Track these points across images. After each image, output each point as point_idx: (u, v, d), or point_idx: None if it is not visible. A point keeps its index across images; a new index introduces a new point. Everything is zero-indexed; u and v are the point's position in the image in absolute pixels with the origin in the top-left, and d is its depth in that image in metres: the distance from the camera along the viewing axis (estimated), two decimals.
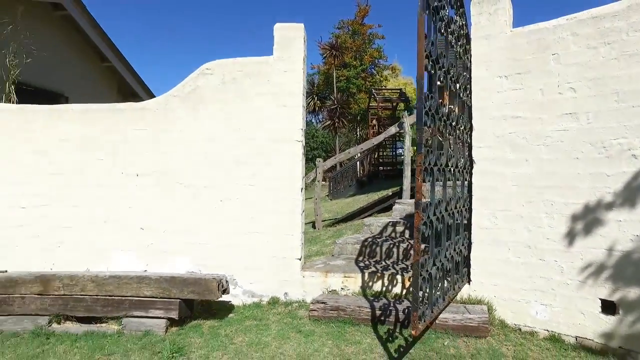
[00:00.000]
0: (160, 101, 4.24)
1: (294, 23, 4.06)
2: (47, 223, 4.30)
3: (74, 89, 7.46)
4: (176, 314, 3.40)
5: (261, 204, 4.05)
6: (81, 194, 4.28)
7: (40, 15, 6.62)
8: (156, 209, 4.16)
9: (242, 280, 4.06)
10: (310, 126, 38.21)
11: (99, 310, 3.50)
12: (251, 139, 4.08)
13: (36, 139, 4.36)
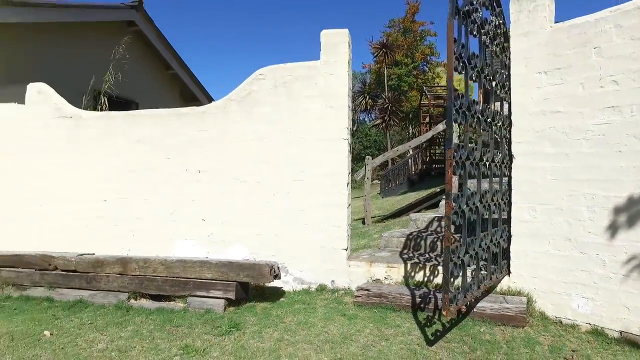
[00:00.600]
0: (219, 105, 4.70)
1: (339, 29, 4.35)
2: (123, 214, 4.91)
3: (143, 95, 8.23)
4: (233, 295, 3.81)
5: (310, 198, 4.38)
6: (151, 189, 4.85)
7: (118, 32, 7.41)
8: (215, 203, 4.62)
9: (292, 268, 4.42)
10: (363, 125, 38.30)
11: (168, 289, 4.00)
12: (300, 138, 4.42)
13: (116, 141, 4.99)
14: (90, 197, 5.01)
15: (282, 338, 3.20)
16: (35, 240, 5.08)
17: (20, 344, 3.18)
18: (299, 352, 2.97)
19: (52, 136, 5.22)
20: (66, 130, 5.19)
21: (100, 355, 2.96)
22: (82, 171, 5.08)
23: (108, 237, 4.91)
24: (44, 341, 3.23)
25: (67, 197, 5.11)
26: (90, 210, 4.99)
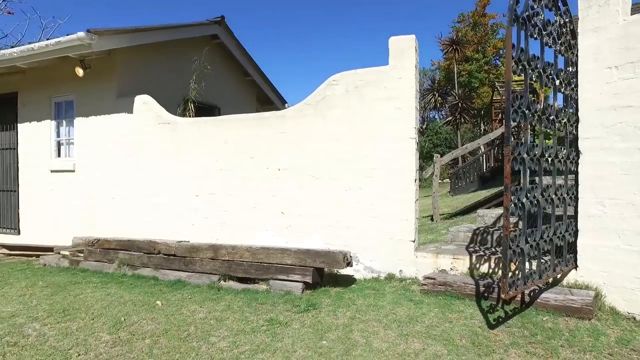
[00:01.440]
0: (296, 109, 5.21)
1: (406, 35, 4.64)
2: (213, 208, 5.60)
3: (224, 101, 9.03)
4: (310, 279, 4.27)
5: (380, 193, 4.72)
6: (236, 185, 5.47)
7: (203, 46, 8.25)
8: (293, 197, 5.12)
9: (363, 257, 4.79)
10: (433, 123, 37.58)
11: (253, 272, 4.56)
12: (371, 137, 4.77)
13: (206, 143, 5.69)
14: (185, 192, 5.78)
15: (354, 316, 3.59)
16: (142, 228, 5.97)
17: (142, 309, 3.89)
18: (369, 327, 3.34)
19: (154, 140, 6.07)
20: (165, 134, 6.01)
21: (202, 322, 3.55)
22: (178, 170, 5.87)
23: (200, 227, 5.63)
24: (157, 308, 3.91)
25: (166, 192, 5.93)
26: (185, 204, 5.76)
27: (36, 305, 4.09)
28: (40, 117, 7.33)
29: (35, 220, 7.42)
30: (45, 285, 4.82)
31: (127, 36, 6.21)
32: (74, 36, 5.58)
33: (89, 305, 4.03)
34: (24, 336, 3.30)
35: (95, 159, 6.66)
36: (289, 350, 2.97)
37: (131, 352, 3.00)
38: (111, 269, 5.41)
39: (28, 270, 5.70)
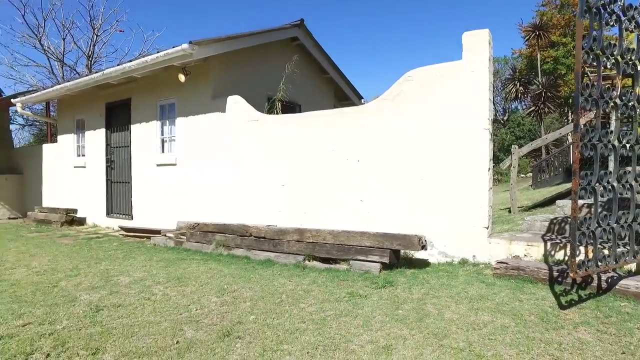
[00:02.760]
0: (373, 104, 5.59)
1: (479, 30, 4.81)
2: (297, 196, 6.17)
3: (304, 98, 9.63)
4: (387, 260, 4.64)
5: (454, 181, 4.95)
6: (319, 175, 5.99)
7: (284, 48, 8.91)
8: (371, 186, 5.52)
9: (437, 243, 5.06)
10: (515, 114, 35.67)
11: (335, 253, 5.04)
12: (445, 129, 5.02)
13: (291, 137, 6.28)
14: (273, 182, 6.42)
15: (427, 293, 3.92)
16: (234, 214, 6.73)
17: (239, 280, 4.54)
18: (441, 302, 3.65)
19: (244, 135, 6.80)
20: (254, 130, 6.70)
21: (291, 292, 4.09)
22: (266, 162, 6.53)
23: (286, 213, 6.24)
24: (252, 280, 4.54)
25: (255, 182, 6.63)
26: (273, 192, 6.41)
27: (156, 273, 4.92)
28: (148, 119, 8.45)
29: (144, 207, 8.59)
30: (159, 260, 5.70)
31: (220, 44, 7.00)
32: (178, 48, 6.44)
33: (196, 276, 4.77)
34: (153, 294, 4.08)
35: (193, 154, 7.58)
36: (369, 316, 3.38)
37: (236, 310, 3.61)
38: (209, 249, 6.20)
39: (143, 248, 6.71)
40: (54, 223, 9.90)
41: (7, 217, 12.28)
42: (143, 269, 5.19)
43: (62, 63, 20.82)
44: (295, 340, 2.96)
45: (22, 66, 20.67)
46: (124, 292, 4.20)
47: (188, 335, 3.07)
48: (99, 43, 21.37)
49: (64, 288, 4.38)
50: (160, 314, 3.52)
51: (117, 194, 9.41)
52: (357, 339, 2.95)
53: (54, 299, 4.01)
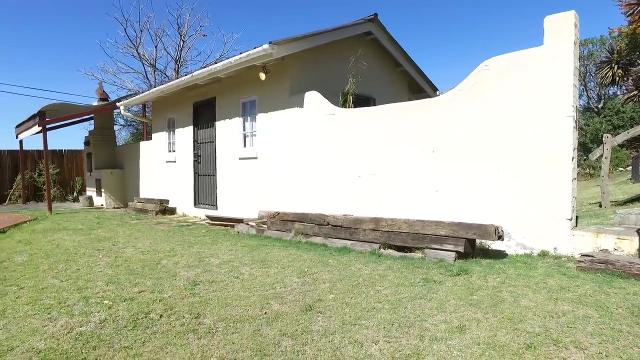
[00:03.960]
0: (449, 95, 5.58)
1: (563, 13, 4.61)
2: (373, 187, 6.35)
3: (378, 92, 9.73)
4: (462, 249, 4.66)
5: (534, 171, 4.82)
6: (393, 167, 6.11)
7: (358, 42, 9.08)
8: (447, 176, 5.53)
9: (515, 234, 4.96)
10: (613, 100, 32.53)
11: (409, 242, 5.15)
12: (524, 118, 4.89)
13: (365, 130, 6.45)
14: (348, 173, 6.65)
15: (503, 281, 3.91)
16: (311, 204, 7.07)
17: (318, 265, 4.84)
18: (518, 290, 3.63)
19: (321, 128, 7.10)
20: (330, 123, 6.97)
21: (368, 276, 4.29)
22: (342, 154, 6.78)
23: (361, 203, 6.44)
24: (330, 265, 4.81)
25: (331, 173, 6.90)
26: (349, 183, 6.64)
27: (242, 257, 5.38)
28: (231, 116, 9.09)
29: (227, 197, 9.27)
30: (243, 245, 6.20)
31: (297, 43, 7.35)
32: (259, 48, 6.89)
33: (278, 260, 5.14)
34: (241, 273, 4.51)
35: (272, 147, 8.05)
36: (443, 300, 3.48)
37: (316, 290, 3.89)
38: (289, 237, 6.59)
39: (228, 235, 7.30)
40: (149, 212, 11.02)
41: (112, 207, 13.84)
42: (230, 252, 5.69)
43: (154, 68, 22.80)
44: (372, 317, 3.16)
45: (122, 73, 22.95)
46: (216, 270, 4.68)
47: (274, 308, 3.40)
48: (184, 48, 23.07)
49: (165, 265, 4.98)
50: (249, 290, 3.91)
51: (204, 186, 10.24)
52: (431, 319, 3.08)
53: (159, 273, 4.59)
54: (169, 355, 2.60)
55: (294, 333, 2.90)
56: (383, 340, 2.75)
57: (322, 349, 2.64)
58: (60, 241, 6.91)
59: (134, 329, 3.01)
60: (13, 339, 2.89)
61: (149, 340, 2.82)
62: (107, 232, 7.93)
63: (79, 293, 3.92)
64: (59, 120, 13.24)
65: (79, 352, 2.66)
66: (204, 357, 2.56)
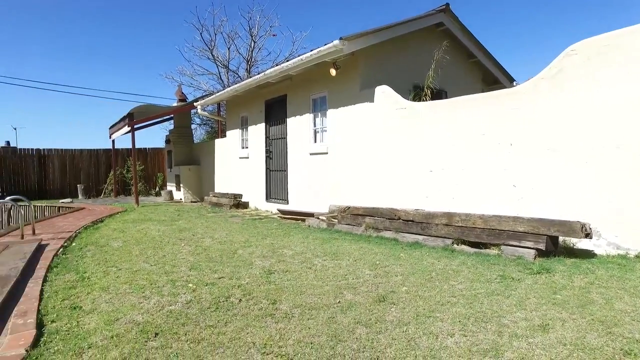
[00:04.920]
0: (529, 84, 5.28)
1: None
2: (445, 181, 6.18)
3: (449, 84, 9.44)
4: (543, 246, 4.40)
5: (630, 165, 4.42)
6: (468, 160, 5.90)
7: (429, 34, 8.87)
8: (526, 170, 5.25)
9: (606, 232, 4.59)
10: None
11: (485, 238, 4.96)
12: (617, 105, 4.50)
13: (438, 123, 6.30)
14: (420, 167, 6.54)
15: (592, 282, 3.63)
16: (381, 198, 7.04)
17: (389, 258, 4.82)
18: (610, 292, 3.36)
19: (392, 123, 7.04)
20: (401, 117, 6.89)
21: (441, 271, 4.20)
22: (413, 148, 6.68)
23: (433, 198, 6.31)
24: (402, 259, 4.77)
25: (402, 167, 6.83)
26: (420, 178, 6.53)
27: (313, 249, 5.51)
28: (302, 112, 9.30)
29: (298, 192, 9.51)
30: (314, 238, 6.33)
31: (367, 37, 7.34)
32: (330, 45, 6.98)
33: (349, 253, 5.20)
34: (313, 264, 4.63)
35: (342, 142, 8.12)
36: (522, 297, 3.32)
37: (388, 282, 3.89)
38: (359, 231, 6.62)
39: (299, 229, 7.49)
40: (224, 206, 11.61)
41: (190, 201, 14.77)
42: (302, 244, 5.85)
43: (227, 69, 23.91)
44: (447, 310, 3.10)
45: (198, 75, 24.42)
46: (289, 261, 4.84)
47: (347, 298, 3.46)
48: (255, 48, 23.93)
49: (241, 255, 5.24)
50: (322, 280, 4.00)
51: (275, 181, 10.58)
52: (509, 316, 2.96)
53: (236, 262, 4.84)
54: (250, 335, 2.75)
55: (367, 322, 2.93)
56: (459, 333, 2.70)
57: (397, 338, 2.65)
58: (147, 230, 7.52)
59: (216, 311, 3.22)
60: (117, 312, 3.23)
61: (231, 321, 3.01)
62: (187, 223, 8.48)
63: (166, 276, 4.26)
64: (144, 120, 14.36)
65: (171, 327, 2.90)
66: (282, 339, 2.68)
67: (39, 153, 17.34)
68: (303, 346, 2.57)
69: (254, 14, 25.67)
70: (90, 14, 42.98)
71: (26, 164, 17.04)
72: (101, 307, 3.39)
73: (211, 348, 2.57)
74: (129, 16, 42.76)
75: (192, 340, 2.69)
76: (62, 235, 6.93)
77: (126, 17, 42.67)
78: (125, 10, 41.99)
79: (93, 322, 3.05)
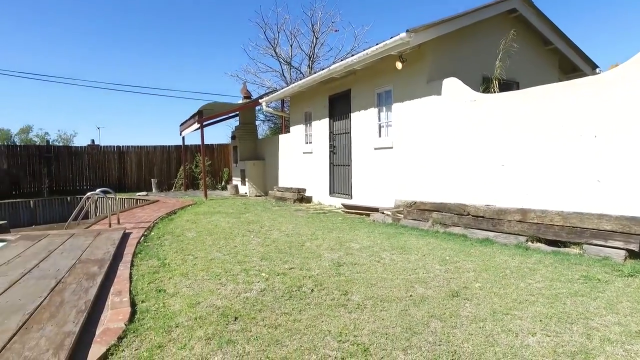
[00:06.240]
0: (615, 72, 4.87)
1: None
2: (518, 176, 5.89)
3: (522, 74, 8.93)
4: (636, 247, 4.06)
5: None
6: (544, 154, 5.57)
7: (499, 23, 8.45)
8: (612, 164, 4.85)
9: None
10: None
11: (564, 236, 4.67)
12: None
13: (511, 116, 6.00)
14: (490, 162, 6.28)
15: None
16: (449, 193, 6.86)
17: (459, 254, 4.70)
18: None
19: (461, 116, 6.82)
20: (471, 110, 6.65)
21: (516, 268, 4.02)
22: (483, 142, 6.42)
23: (504, 193, 6.03)
24: (472, 255, 4.63)
25: (472, 162, 6.59)
26: (491, 172, 6.26)
27: (380, 243, 5.50)
28: (366, 106, 9.27)
29: (362, 187, 9.50)
30: (380, 233, 6.31)
31: (435, 29, 7.14)
32: (397, 37, 6.88)
33: (417, 248, 5.12)
34: (381, 258, 4.63)
35: (408, 137, 7.99)
36: (612, 301, 3.10)
37: (460, 277, 3.80)
38: (425, 227, 6.51)
39: (364, 223, 7.49)
40: (288, 200, 11.87)
41: (254, 195, 15.27)
42: (368, 238, 5.85)
43: (290, 66, 24.35)
44: (525, 309, 2.98)
45: (262, 72, 25.07)
46: (357, 254, 4.87)
47: (419, 292, 3.43)
48: (317, 44, 24.13)
49: (309, 247, 5.35)
50: (392, 274, 3.99)
51: (338, 175, 10.65)
52: (598, 319, 2.77)
53: (304, 254, 4.96)
54: (324, 323, 2.82)
55: (441, 316, 2.89)
56: (541, 333, 2.58)
57: (474, 334, 2.59)
58: (217, 222, 7.89)
59: (290, 299, 3.33)
60: (197, 296, 3.44)
61: (305, 309, 3.09)
62: (254, 216, 8.79)
63: (239, 265, 4.46)
64: (213, 117, 15.03)
65: (248, 312, 3.05)
66: (357, 329, 2.71)
67: (119, 150, 18.77)
68: (378, 336, 2.59)
69: (316, 11, 25.88)
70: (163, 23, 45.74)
71: (108, 159, 18.52)
72: (183, 291, 3.62)
73: (289, 334, 2.66)
74: (197, 17, 44.93)
75: (269, 325, 2.81)
76: (142, 225, 7.48)
77: (194, 19, 44.87)
78: (194, 12, 44.21)
79: (177, 304, 3.27)
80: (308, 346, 2.48)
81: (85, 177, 18.11)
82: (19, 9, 55.80)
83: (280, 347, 2.47)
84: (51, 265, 4.30)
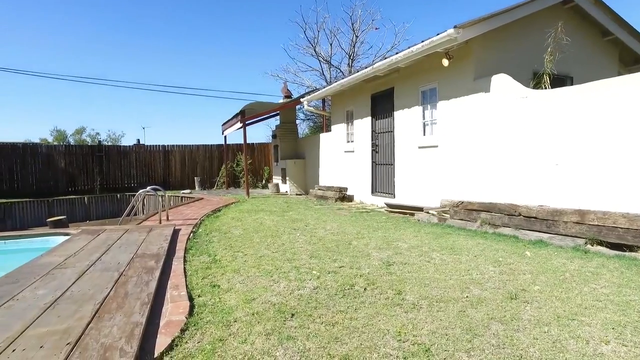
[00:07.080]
0: None
1: None
2: (573, 176, 5.62)
3: (576, 69, 8.51)
4: None
5: None
6: (603, 153, 5.29)
7: (551, 13, 8.08)
8: None
9: None
10: None
11: (630, 239, 4.42)
12: None
13: (564, 113, 5.75)
14: (542, 161, 6.04)
15: None
16: (497, 193, 6.65)
17: (512, 256, 4.55)
18: None
19: (511, 113, 6.59)
20: (522, 107, 6.42)
21: (576, 272, 3.85)
22: (534, 140, 6.18)
23: (560, 193, 5.78)
24: (527, 257, 4.47)
25: (522, 161, 6.37)
26: (543, 172, 6.02)
27: (428, 243, 5.41)
28: (410, 105, 9.14)
29: (405, 186, 9.38)
30: (427, 233, 6.21)
31: (482, 24, 6.94)
32: (444, 34, 6.74)
33: (467, 248, 5.01)
34: (431, 258, 4.56)
35: (454, 135, 7.81)
36: None
37: (516, 280, 3.68)
38: (473, 227, 6.34)
39: (408, 223, 7.40)
40: (329, 199, 11.90)
41: (295, 193, 15.41)
42: (415, 238, 5.78)
43: (329, 65, 24.40)
44: (593, 315, 2.84)
45: (302, 72, 25.32)
46: (406, 254, 4.82)
47: (474, 293, 3.35)
48: (357, 43, 24.04)
49: (357, 246, 5.34)
50: (444, 274, 3.92)
51: (381, 174, 10.57)
52: None
53: (353, 252, 4.95)
54: (382, 322, 2.81)
55: (502, 318, 2.81)
56: (615, 341, 2.46)
57: (539, 338, 2.50)
58: (262, 220, 8.03)
59: (343, 297, 3.34)
60: (252, 292, 3.52)
61: (360, 308, 3.10)
62: (297, 214, 8.87)
63: (289, 263, 4.52)
64: (255, 117, 15.28)
65: (304, 309, 3.08)
66: (415, 329, 2.69)
67: (164, 149, 19.45)
68: (438, 337, 2.55)
69: (355, 9, 25.80)
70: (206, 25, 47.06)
71: (154, 158, 19.24)
72: (236, 287, 3.71)
73: (347, 332, 2.67)
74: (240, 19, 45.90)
75: (326, 323, 2.83)
76: (189, 222, 7.72)
77: (237, 20, 45.89)
78: (236, 16, 45.20)
79: (232, 300, 3.36)
80: (368, 344, 2.48)
81: (133, 175, 18.90)
82: (77, 19, 59.08)
83: (340, 345, 2.49)
84: (111, 258, 4.53)
